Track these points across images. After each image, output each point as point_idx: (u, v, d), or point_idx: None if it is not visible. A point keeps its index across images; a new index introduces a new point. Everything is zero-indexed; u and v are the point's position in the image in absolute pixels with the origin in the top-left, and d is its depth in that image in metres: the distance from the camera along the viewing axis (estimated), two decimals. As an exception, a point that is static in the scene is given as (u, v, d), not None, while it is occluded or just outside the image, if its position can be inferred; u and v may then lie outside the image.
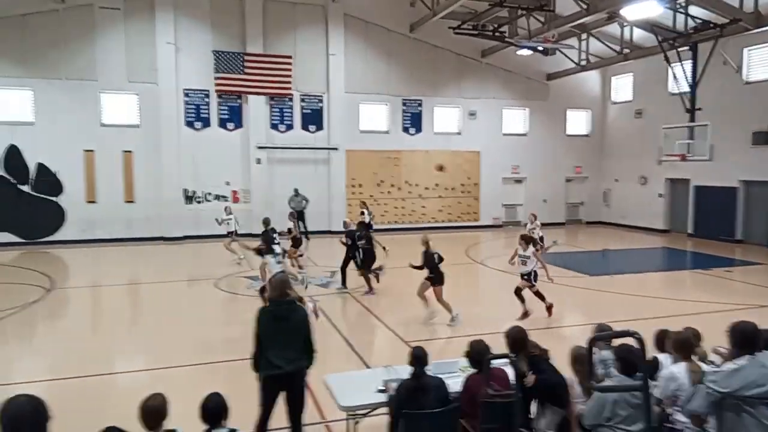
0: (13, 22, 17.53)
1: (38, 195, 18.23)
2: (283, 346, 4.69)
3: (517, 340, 4.65)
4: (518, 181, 24.07)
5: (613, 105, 24.45)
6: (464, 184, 23.09)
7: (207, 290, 12.26)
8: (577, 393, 4.48)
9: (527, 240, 9.86)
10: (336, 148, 21.03)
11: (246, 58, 19.72)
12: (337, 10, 20.56)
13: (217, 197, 19.81)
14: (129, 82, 18.84)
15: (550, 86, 23.87)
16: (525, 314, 9.49)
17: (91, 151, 18.65)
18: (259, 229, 11.82)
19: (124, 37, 18.73)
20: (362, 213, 17.65)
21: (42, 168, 18.20)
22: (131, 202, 19.13)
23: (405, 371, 4.91)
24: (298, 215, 19.27)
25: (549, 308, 9.76)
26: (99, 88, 18.60)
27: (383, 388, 4.81)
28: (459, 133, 22.98)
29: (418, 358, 4.57)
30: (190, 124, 19.62)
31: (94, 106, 18.58)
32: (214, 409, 3.77)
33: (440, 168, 21.96)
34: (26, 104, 18.01)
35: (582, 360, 4.40)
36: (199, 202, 19.80)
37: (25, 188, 18.12)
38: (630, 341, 3.88)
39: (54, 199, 18.39)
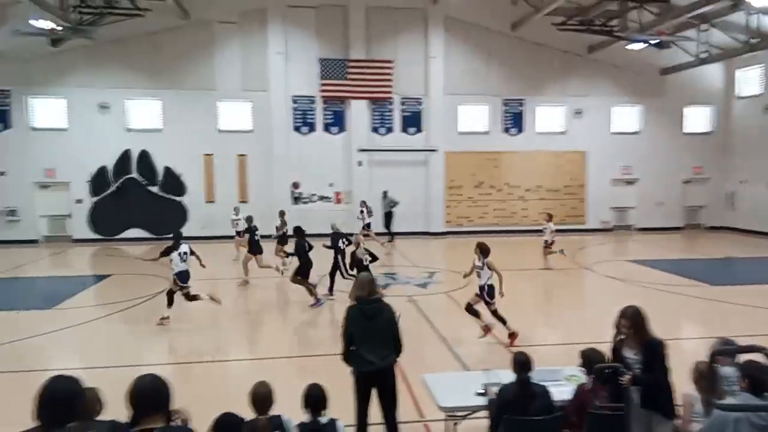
0: (145, 39, 19.47)
1: (165, 195, 20.11)
2: (374, 343, 4.81)
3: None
4: (629, 182, 22.69)
5: (739, 100, 22.27)
6: (568, 185, 22.18)
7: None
8: (697, 411, 4.19)
9: (482, 249, 8.49)
10: (435, 150, 21.11)
11: (349, 64, 20.38)
12: (437, 13, 20.64)
13: (322, 198, 20.65)
14: (243, 90, 20.22)
15: (666, 81, 22.25)
16: (486, 329, 8.47)
17: (210, 154, 20.25)
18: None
19: (239, 49, 20.13)
20: (361, 212, 17.74)
21: (168, 171, 20.07)
22: (245, 201, 20.46)
23: (505, 376, 4.87)
24: (386, 216, 19.66)
25: (511, 336, 8.35)
26: (217, 97, 20.15)
27: (483, 391, 4.79)
28: (563, 133, 22.12)
29: (523, 364, 4.48)
30: (297, 128, 20.65)
31: (212, 114, 20.17)
32: (315, 398, 3.96)
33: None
34: (156, 113, 19.95)
35: (707, 376, 4.14)
36: (305, 203, 20.76)
37: (154, 189, 20.06)
38: (757, 357, 3.57)
39: (178, 198, 20.20)
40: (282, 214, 15.63)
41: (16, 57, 18.85)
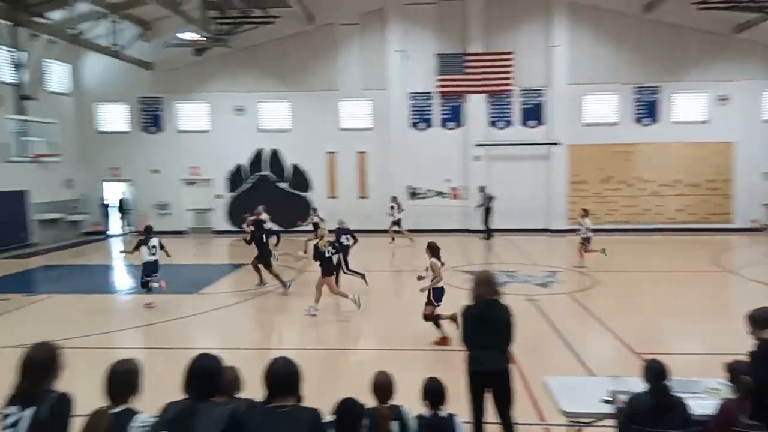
0: (275, 44, 20.82)
1: (292, 191, 21.40)
2: (490, 344, 4.70)
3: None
4: (786, 176, 19.99)
5: None
6: (712, 180, 20.06)
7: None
8: None
9: (431, 249, 8.21)
10: (557, 143, 20.20)
11: (466, 58, 20.16)
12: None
13: (438, 194, 20.70)
14: (363, 89, 20.86)
15: (835, 59, 19.25)
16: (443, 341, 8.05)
17: (333, 152, 21.18)
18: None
19: (360, 50, 20.78)
20: (392, 207, 18.16)
21: (296, 168, 21.33)
22: (364, 197, 21.18)
23: (635, 384, 4.57)
24: (486, 212, 19.12)
25: (442, 340, 8.06)
26: (339, 97, 21.00)
27: (610, 398, 4.53)
28: (705, 122, 20.04)
29: (659, 372, 4.16)
30: (414, 125, 20.87)
31: (335, 113, 21.06)
32: (436, 392, 3.98)
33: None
34: (285, 114, 21.28)
35: None
36: (421, 198, 20.95)
37: (283, 185, 21.43)
38: None
39: (304, 194, 21.39)
40: (314, 211, 17.61)
41: (166, 67, 21.17)
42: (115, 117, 21.94)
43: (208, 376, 2.99)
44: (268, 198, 21.28)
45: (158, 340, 8.85)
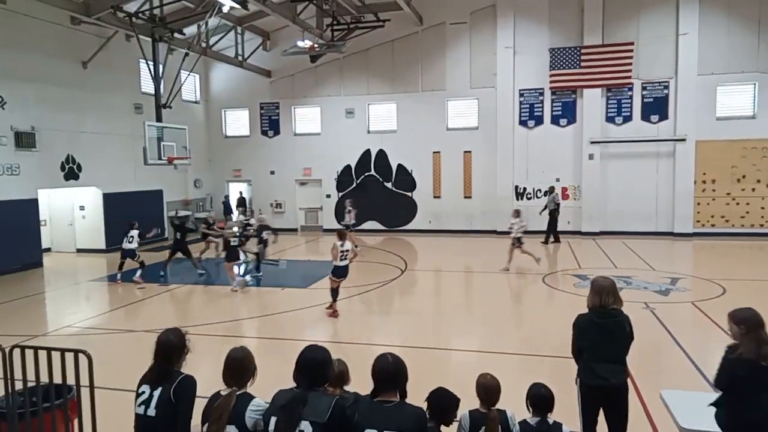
0: (385, 48, 21.27)
1: (397, 191, 21.75)
2: (608, 357, 4.40)
3: None
4: None
5: None
6: None
7: (533, 284, 12.54)
8: None
9: (340, 234, 10.06)
10: (683, 139, 18.59)
11: (583, 51, 19.21)
12: (690, -17, 18.10)
13: (546, 194, 19.92)
14: (471, 88, 20.65)
15: None
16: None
17: (438, 152, 21.20)
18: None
19: (469, 48, 20.58)
20: (348, 212, 17.84)
21: (401, 168, 21.65)
22: (469, 197, 20.97)
23: (768, 404, 4.12)
24: (551, 214, 17.94)
25: (332, 312, 9.92)
26: (446, 97, 20.97)
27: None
28: None
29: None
30: (523, 123, 20.27)
31: (441, 113, 21.06)
32: (544, 399, 3.86)
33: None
34: (391, 115, 21.68)
35: None
36: (528, 199, 20.31)
37: (388, 185, 21.85)
38: None
39: (409, 194, 21.65)
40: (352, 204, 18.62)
41: (283, 74, 22.49)
42: (238, 122, 23.72)
43: (317, 367, 3.13)
44: (375, 197, 21.91)
45: (271, 330, 9.43)
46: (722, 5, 18.16)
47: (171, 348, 3.36)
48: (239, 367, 3.24)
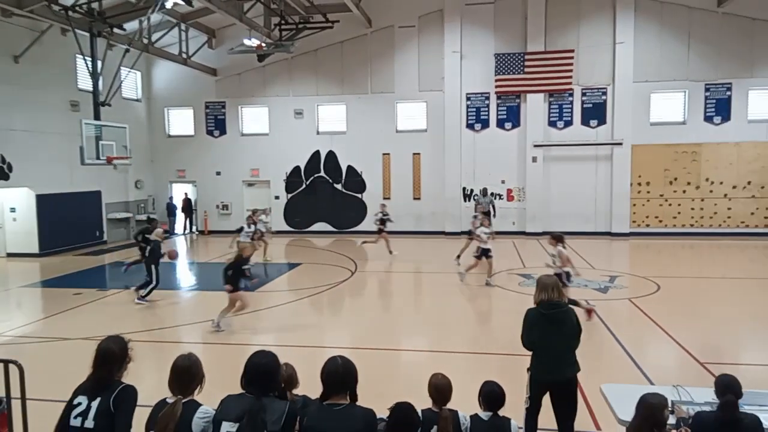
0: (334, 49, 21.21)
1: (347, 192, 21.72)
2: (557, 350, 4.62)
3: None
4: None
5: None
6: (790, 182, 18.78)
7: (480, 283, 12.81)
8: None
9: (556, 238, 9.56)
10: (620, 143, 19.48)
11: (526, 57, 19.80)
12: (626, -6, 19.00)
13: (493, 195, 20.41)
14: (419, 91, 20.89)
15: None
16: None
17: (388, 154, 21.33)
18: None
19: (417, 51, 20.82)
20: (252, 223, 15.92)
21: (351, 169, 21.64)
22: (418, 199, 21.21)
23: (698, 395, 4.38)
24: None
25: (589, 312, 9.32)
26: (395, 99, 21.13)
27: (671, 409, 4.36)
28: (784, 120, 18.79)
29: (729, 386, 3.95)
30: (470, 126, 20.69)
31: (391, 115, 21.20)
32: (497, 396, 3.95)
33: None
34: (341, 116, 21.64)
35: None
36: (476, 200, 20.70)
37: (338, 186, 21.79)
38: None
39: (359, 195, 21.66)
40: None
41: (230, 73, 22.03)
42: (182, 121, 23.03)
43: (267, 373, 3.09)
44: (325, 199, 21.80)
45: (216, 335, 9.22)
46: (655, 16, 19.16)
47: (111, 356, 3.22)
48: (186, 374, 3.16)
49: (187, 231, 23.15)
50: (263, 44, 17.52)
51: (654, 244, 18.25)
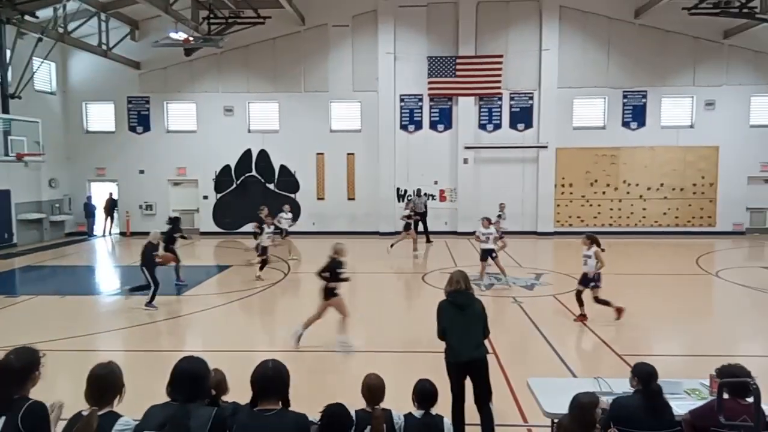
0: (265, 45, 20.76)
1: (280, 192, 21.33)
2: (466, 333, 5.01)
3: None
4: (769, 180, 20.32)
5: None
6: (697, 184, 20.30)
7: (413, 282, 12.97)
8: None
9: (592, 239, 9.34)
10: (545, 146, 20.33)
11: (458, 61, 20.24)
12: (552, 3, 19.84)
13: (426, 195, 20.70)
14: (354, 91, 20.85)
15: (819, 66, 19.58)
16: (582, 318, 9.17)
17: (322, 153, 21.14)
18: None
19: (351, 51, 20.77)
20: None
21: (284, 169, 21.26)
22: (352, 199, 21.16)
23: (617, 385, 4.60)
24: (421, 216, 18.69)
25: (618, 310, 9.19)
26: (329, 98, 20.97)
27: (601, 408, 4.55)
28: (692, 127, 20.30)
29: (649, 375, 4.18)
30: (404, 127, 20.90)
31: (325, 114, 21.03)
32: (429, 393, 3.98)
33: None
34: (274, 114, 21.21)
35: None
36: (409, 200, 20.92)
37: (271, 186, 21.35)
38: None
39: (292, 195, 21.32)
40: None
41: (154, 66, 21.05)
42: (101, 116, 21.75)
43: (194, 379, 2.96)
44: (256, 199, 21.27)
45: (140, 342, 8.76)
46: (578, 26, 20.14)
47: (16, 370, 2.95)
48: (103, 384, 2.96)
49: (108, 233, 21.90)
50: (191, 38, 16.90)
51: (576, 243, 18.93)
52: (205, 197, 21.53)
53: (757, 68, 19.83)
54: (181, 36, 16.45)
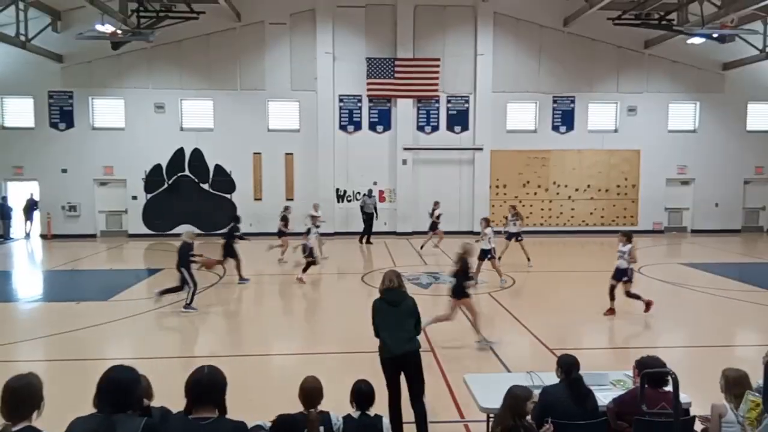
0: (199, 41, 20.12)
1: (215, 192, 20.73)
2: (398, 328, 5.14)
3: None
4: (685, 182, 21.79)
5: (810, 95, 20.98)
6: (620, 185, 21.49)
7: (352, 283, 12.96)
8: (729, 420, 4.04)
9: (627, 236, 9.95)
10: (481, 149, 20.88)
11: (396, 63, 20.41)
12: (486, 10, 20.39)
13: (365, 195, 20.72)
14: (292, 90, 20.58)
15: (727, 77, 21.22)
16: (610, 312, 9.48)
17: (259, 153, 20.72)
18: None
19: (289, 50, 20.49)
20: None
21: (219, 168, 20.68)
22: (291, 199, 20.87)
23: (548, 378, 4.78)
24: (368, 217, 19.07)
25: (648, 304, 9.64)
26: (267, 97, 20.60)
27: (533, 400, 4.72)
28: (616, 131, 21.45)
29: (572, 365, 4.40)
30: (343, 127, 20.85)
31: (262, 114, 20.63)
32: (366, 394, 3.99)
33: None
34: (208, 113, 20.58)
35: (742, 383, 4.09)
36: (348, 201, 20.94)
37: (205, 186, 20.70)
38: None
39: (228, 196, 20.77)
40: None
41: (79, 60, 19.91)
42: (19, 111, 20.33)
43: (121, 389, 2.81)
44: (190, 200, 20.59)
45: (63, 351, 8.26)
46: (511, 32, 20.81)
47: None
48: (18, 397, 2.76)
49: (27, 235, 20.52)
50: (118, 31, 16.10)
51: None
52: (134, 198, 20.59)
53: (674, 77, 21.23)
54: (108, 29, 15.63)
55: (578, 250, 18.48)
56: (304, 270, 12.83)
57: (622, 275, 9.65)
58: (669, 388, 4.09)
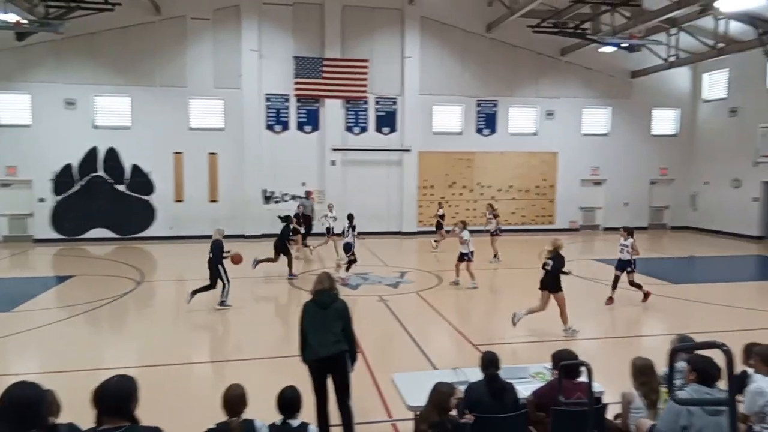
0: (114, 34, 19.03)
1: (132, 194, 19.67)
2: (324, 331, 5.05)
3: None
4: (597, 183, 23.15)
5: (705, 103, 22.91)
6: (539, 186, 22.51)
7: (280, 286, 12.73)
8: (637, 406, 4.32)
9: (628, 231, 10.84)
10: (408, 150, 21.16)
11: (324, 62, 20.27)
12: (413, 13, 20.68)
13: (293, 197, 20.45)
14: (215, 87, 19.91)
15: (635, 84, 22.77)
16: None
17: (180, 153, 19.89)
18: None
19: (212, 46, 19.82)
20: None
21: (136, 169, 19.64)
22: (215, 201, 20.21)
23: (473, 374, 4.90)
24: (305, 219, 18.90)
25: (646, 295, 10.65)
26: (188, 94, 19.80)
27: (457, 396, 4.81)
28: (535, 134, 22.43)
29: (491, 361, 4.54)
30: (270, 127, 20.43)
31: (183, 111, 19.81)
32: (289, 400, 3.90)
33: None
34: (124, 110, 19.50)
35: (648, 371, 4.35)
36: (276, 202, 20.55)
37: (121, 187, 19.60)
38: (712, 353, 3.65)
39: (146, 197, 19.78)
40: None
41: (-23, 50, 18.26)
42: None
43: (25, 407, 2.60)
44: (104, 202, 19.43)
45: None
46: (438, 36, 21.23)
47: None
48: None
49: None
50: (23, 21, 14.92)
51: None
52: (42, 200, 19.16)
53: (587, 83, 22.49)
54: (11, 18, 14.45)
55: (501, 248, 19.12)
56: (347, 269, 12.84)
57: (625, 266, 10.54)
58: (584, 378, 4.30)
